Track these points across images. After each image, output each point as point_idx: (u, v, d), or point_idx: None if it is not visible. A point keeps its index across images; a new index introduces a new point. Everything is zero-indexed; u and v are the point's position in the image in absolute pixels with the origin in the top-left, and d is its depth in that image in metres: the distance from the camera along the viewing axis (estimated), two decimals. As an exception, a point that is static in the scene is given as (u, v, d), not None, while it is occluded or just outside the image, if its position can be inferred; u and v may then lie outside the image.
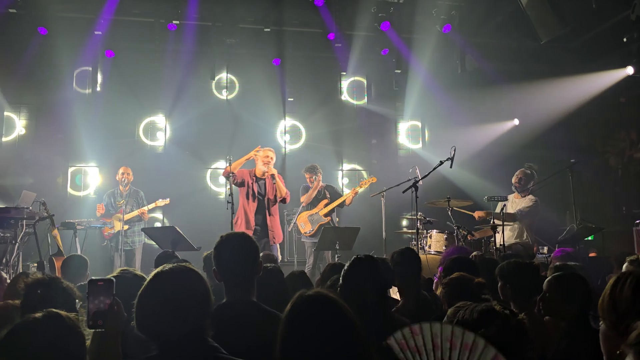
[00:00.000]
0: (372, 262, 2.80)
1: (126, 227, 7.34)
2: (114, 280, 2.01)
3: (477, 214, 6.92)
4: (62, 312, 1.81)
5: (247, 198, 6.64)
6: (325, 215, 7.33)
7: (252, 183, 6.68)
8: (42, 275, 2.52)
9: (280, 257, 7.39)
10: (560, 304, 2.83)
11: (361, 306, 2.31)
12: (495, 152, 9.47)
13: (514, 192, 7.08)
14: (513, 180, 7.07)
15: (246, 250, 2.49)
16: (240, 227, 6.54)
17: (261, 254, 3.10)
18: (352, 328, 1.76)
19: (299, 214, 7.39)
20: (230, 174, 6.31)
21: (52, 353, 1.68)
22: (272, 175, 6.58)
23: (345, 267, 2.80)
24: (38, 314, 1.76)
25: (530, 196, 6.90)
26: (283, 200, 6.76)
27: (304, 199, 7.46)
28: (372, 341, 1.75)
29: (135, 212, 7.44)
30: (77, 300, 2.48)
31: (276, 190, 6.62)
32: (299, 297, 1.82)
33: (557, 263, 4.05)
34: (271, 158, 6.75)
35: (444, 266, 3.73)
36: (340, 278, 2.77)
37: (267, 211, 6.65)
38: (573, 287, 2.84)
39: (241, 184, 6.65)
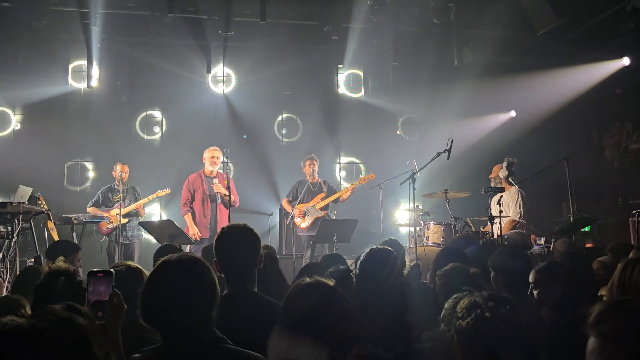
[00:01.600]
0: (389, 253, 3.01)
1: (125, 220, 7.33)
2: (113, 271, 2.01)
3: None
4: (78, 305, 1.81)
5: (199, 199, 6.99)
6: (322, 209, 7.33)
7: (202, 184, 6.98)
8: (66, 265, 2.48)
9: None
10: (547, 294, 2.88)
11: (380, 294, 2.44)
12: (492, 144, 9.48)
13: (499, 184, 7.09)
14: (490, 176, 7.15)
15: (247, 241, 2.50)
16: (199, 227, 6.91)
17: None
18: (348, 315, 1.81)
19: (295, 207, 7.38)
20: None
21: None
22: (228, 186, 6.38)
23: (362, 257, 3.01)
24: (56, 306, 1.76)
25: (513, 190, 6.89)
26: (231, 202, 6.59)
27: (286, 204, 7.54)
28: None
29: (134, 206, 7.44)
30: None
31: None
32: (297, 285, 1.86)
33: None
34: (217, 157, 7.03)
35: (435, 258, 3.76)
36: (358, 267, 2.90)
37: (218, 211, 6.91)
38: (551, 275, 2.89)
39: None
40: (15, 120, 9.24)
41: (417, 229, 6.98)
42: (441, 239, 6.93)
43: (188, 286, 1.83)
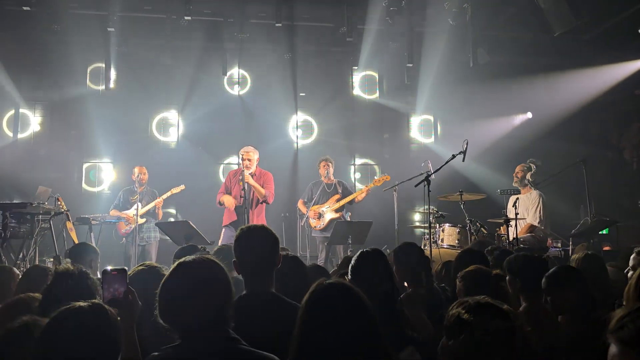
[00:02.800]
0: (379, 255, 2.89)
1: (142, 220, 7.41)
2: (127, 269, 2.05)
3: None
4: (106, 305, 1.84)
5: (235, 198, 6.81)
6: (336, 210, 7.34)
7: (236, 183, 6.85)
8: (73, 266, 2.52)
9: None
10: (559, 297, 2.84)
11: (370, 298, 2.37)
12: (508, 146, 9.40)
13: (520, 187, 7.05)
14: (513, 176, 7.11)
15: (266, 242, 2.51)
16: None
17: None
18: (369, 315, 1.81)
19: (310, 208, 7.40)
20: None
21: (93, 343, 1.71)
22: (247, 178, 6.57)
23: (353, 261, 2.88)
24: (83, 303, 1.79)
25: (534, 193, 6.84)
26: (265, 201, 6.82)
27: (301, 205, 7.55)
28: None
29: (152, 204, 7.51)
30: (97, 297, 2.50)
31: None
32: (319, 284, 1.89)
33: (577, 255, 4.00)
34: (249, 159, 6.83)
35: (457, 258, 3.72)
36: (349, 272, 2.82)
37: (251, 210, 6.71)
38: (565, 281, 2.85)
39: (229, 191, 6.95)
40: (35, 122, 9.39)
41: (432, 230, 6.95)
42: (456, 241, 6.89)
43: (203, 287, 1.86)
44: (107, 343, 1.75)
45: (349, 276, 2.82)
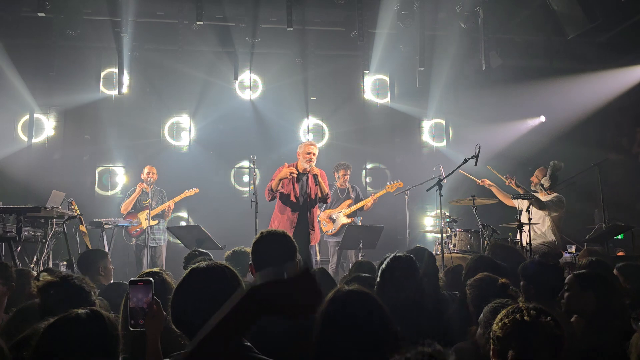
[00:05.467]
0: (411, 260, 2.96)
1: (154, 222, 7.46)
2: (153, 280, 2.06)
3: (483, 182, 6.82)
4: (103, 312, 1.84)
5: (287, 196, 6.11)
6: (348, 216, 7.30)
7: (292, 181, 6.14)
8: (51, 276, 2.55)
9: (318, 256, 7.38)
10: (578, 301, 2.81)
11: (398, 302, 2.40)
12: (520, 150, 9.33)
13: (538, 191, 6.97)
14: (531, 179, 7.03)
15: (284, 248, 2.51)
16: (279, 227, 5.95)
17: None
18: (386, 323, 1.82)
19: (322, 212, 7.38)
20: (274, 193, 6.04)
21: (88, 350, 1.70)
22: (315, 175, 6.09)
23: (384, 265, 2.93)
24: (81, 311, 1.78)
25: (555, 193, 6.79)
26: (323, 200, 6.28)
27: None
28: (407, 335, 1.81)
29: (163, 207, 7.56)
30: (92, 292, 2.51)
31: (318, 190, 6.13)
32: (338, 291, 1.89)
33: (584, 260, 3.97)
34: (313, 154, 6.16)
35: (467, 266, 3.69)
36: (378, 275, 2.85)
37: (307, 211, 6.14)
38: (589, 285, 2.81)
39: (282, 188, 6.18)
40: (49, 127, 9.50)
41: (444, 235, 6.91)
42: (468, 246, 6.84)
43: (215, 292, 1.86)
44: (103, 351, 1.74)
45: (378, 279, 2.87)
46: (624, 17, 8.46)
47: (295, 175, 6.06)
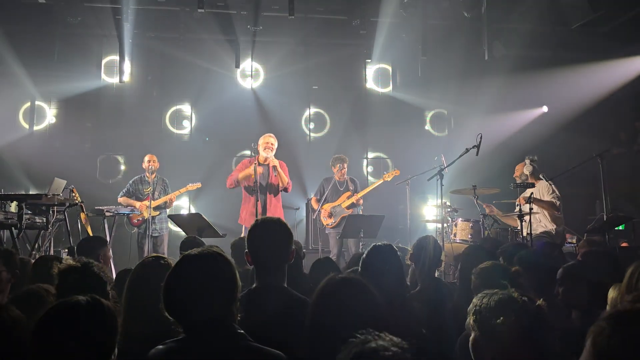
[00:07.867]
0: (390, 249, 2.89)
1: (156, 213, 7.44)
2: None
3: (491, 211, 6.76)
4: (104, 300, 1.83)
5: (251, 187, 6.60)
6: (348, 207, 7.30)
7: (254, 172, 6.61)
8: (74, 261, 2.55)
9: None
10: (572, 294, 2.81)
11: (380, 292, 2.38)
12: (523, 140, 9.29)
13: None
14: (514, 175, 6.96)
15: (280, 236, 2.49)
16: (246, 217, 6.66)
17: None
18: (379, 310, 1.83)
19: (322, 205, 7.37)
20: (238, 184, 6.69)
21: (85, 337, 1.69)
22: (274, 167, 6.64)
23: (364, 255, 2.88)
24: (81, 297, 1.77)
25: (543, 183, 6.70)
26: (285, 190, 6.78)
27: (314, 203, 7.49)
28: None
29: (164, 198, 7.53)
30: (107, 284, 2.52)
31: (279, 179, 6.68)
32: (330, 278, 1.90)
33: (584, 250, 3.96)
34: (272, 144, 6.73)
35: (464, 254, 3.69)
36: (360, 265, 2.83)
37: (270, 200, 6.67)
38: (579, 278, 2.81)
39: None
40: (50, 114, 9.49)
41: (445, 225, 6.91)
42: (469, 236, 6.84)
43: (207, 280, 1.85)
44: (100, 339, 1.72)
45: (359, 270, 2.83)
46: (627, 7, 8.40)
47: (260, 173, 6.51)
